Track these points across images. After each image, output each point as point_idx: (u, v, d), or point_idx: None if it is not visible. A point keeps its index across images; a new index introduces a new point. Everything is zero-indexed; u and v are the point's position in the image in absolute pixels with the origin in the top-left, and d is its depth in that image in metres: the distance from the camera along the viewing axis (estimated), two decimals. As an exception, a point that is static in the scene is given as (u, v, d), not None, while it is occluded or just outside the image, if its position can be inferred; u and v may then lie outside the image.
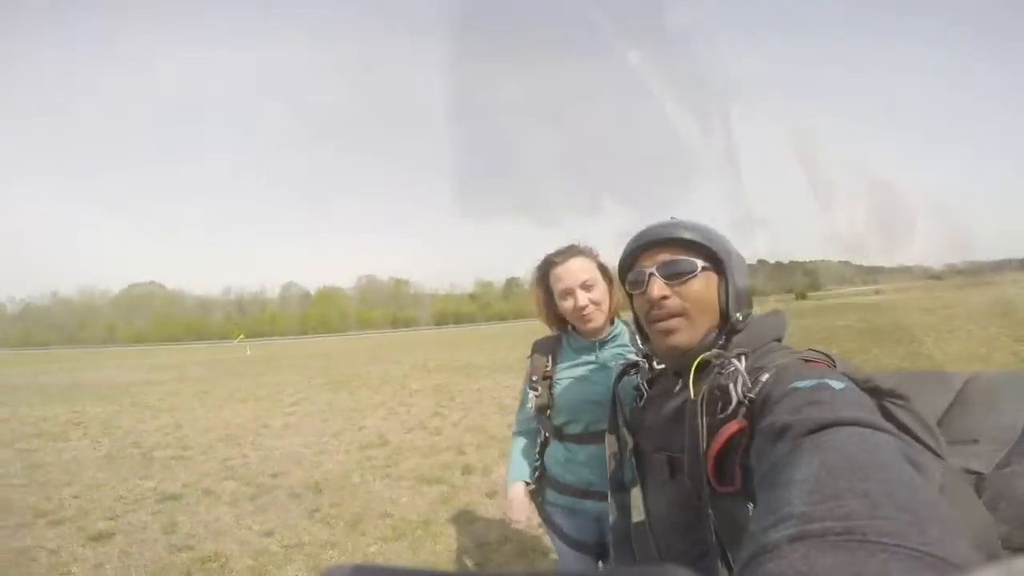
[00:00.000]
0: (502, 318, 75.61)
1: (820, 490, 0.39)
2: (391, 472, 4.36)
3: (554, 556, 2.65)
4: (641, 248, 0.91)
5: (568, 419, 1.38)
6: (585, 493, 1.36)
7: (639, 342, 1.32)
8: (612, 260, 1.45)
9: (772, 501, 0.42)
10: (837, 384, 0.59)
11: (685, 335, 0.86)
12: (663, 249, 0.87)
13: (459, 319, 76.04)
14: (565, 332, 1.49)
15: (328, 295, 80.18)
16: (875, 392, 0.65)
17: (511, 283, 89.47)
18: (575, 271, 1.35)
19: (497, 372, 10.52)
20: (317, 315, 72.34)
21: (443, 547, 2.93)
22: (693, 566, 0.81)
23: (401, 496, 3.76)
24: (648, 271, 0.87)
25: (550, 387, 1.42)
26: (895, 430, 0.50)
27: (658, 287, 0.85)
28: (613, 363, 1.32)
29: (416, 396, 8.28)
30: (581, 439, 1.36)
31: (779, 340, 0.85)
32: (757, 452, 0.59)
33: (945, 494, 0.59)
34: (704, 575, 0.78)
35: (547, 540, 2.84)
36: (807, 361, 0.74)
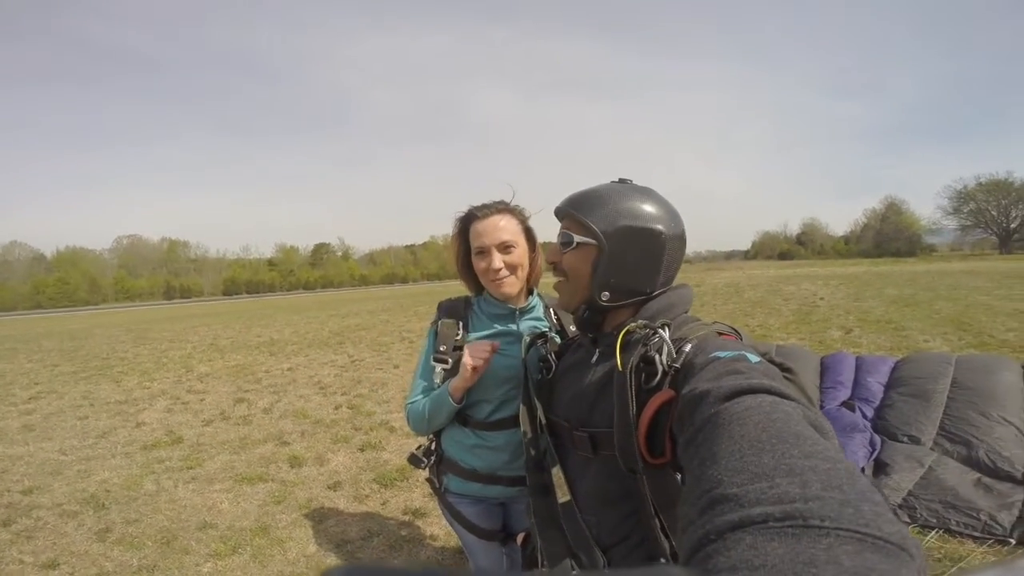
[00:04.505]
0: (308, 287, 69.08)
1: (747, 468, 0.41)
2: (196, 474, 3.68)
3: (434, 543, 2.61)
4: (560, 214, 0.98)
5: (478, 397, 1.28)
6: (491, 478, 1.31)
7: (555, 314, 1.34)
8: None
9: (701, 479, 0.44)
10: (753, 357, 0.66)
11: (564, 299, 0.97)
12: (568, 218, 0.94)
13: (254, 288, 66.43)
14: (479, 294, 1.38)
15: (72, 258, 59.41)
16: (773, 365, 0.73)
17: (320, 249, 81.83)
18: (495, 229, 1.25)
19: (310, 348, 9.62)
20: (56, 284, 53.99)
21: (296, 554, 2.59)
22: (627, 539, 0.85)
23: (219, 501, 3.21)
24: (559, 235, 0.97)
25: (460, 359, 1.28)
26: (800, 397, 0.56)
27: (551, 252, 0.97)
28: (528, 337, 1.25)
29: (208, 381, 7.04)
30: (491, 425, 1.29)
31: (686, 311, 0.92)
32: (679, 418, 0.63)
33: None
34: (641, 547, 0.83)
35: (420, 529, 2.74)
36: (721, 334, 0.81)
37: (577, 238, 0.89)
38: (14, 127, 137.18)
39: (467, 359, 1.17)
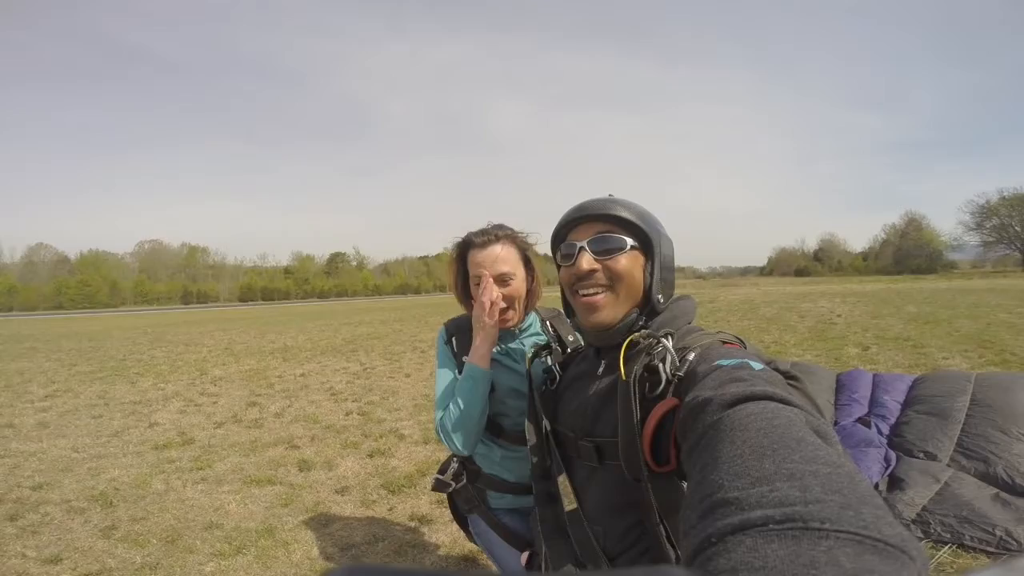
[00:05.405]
0: (322, 296, 69.78)
1: (748, 472, 0.41)
2: (206, 475, 3.72)
3: (439, 550, 2.60)
4: (575, 222, 0.92)
5: (495, 411, 1.31)
6: (523, 488, 1.32)
7: (551, 327, 1.33)
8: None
9: (703, 484, 0.44)
10: (756, 365, 0.66)
11: (609, 311, 0.89)
12: (596, 224, 0.89)
13: (270, 295, 67.17)
14: None
15: (95, 261, 60.50)
16: (776, 372, 0.73)
17: (336, 258, 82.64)
18: (493, 260, 1.25)
19: (323, 355, 9.71)
20: (78, 286, 55.02)
21: (300, 556, 2.59)
22: (633, 547, 0.84)
23: (227, 502, 3.23)
24: (579, 245, 0.89)
25: None
26: (803, 403, 0.56)
27: (587, 260, 0.88)
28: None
29: (222, 384, 7.14)
30: (515, 439, 1.30)
31: (689, 323, 0.92)
32: (682, 425, 0.63)
33: None
34: (647, 554, 0.82)
35: (425, 535, 2.74)
36: (725, 343, 0.81)
37: (630, 240, 0.87)
38: (43, 131, 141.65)
39: (478, 312, 1.18)
